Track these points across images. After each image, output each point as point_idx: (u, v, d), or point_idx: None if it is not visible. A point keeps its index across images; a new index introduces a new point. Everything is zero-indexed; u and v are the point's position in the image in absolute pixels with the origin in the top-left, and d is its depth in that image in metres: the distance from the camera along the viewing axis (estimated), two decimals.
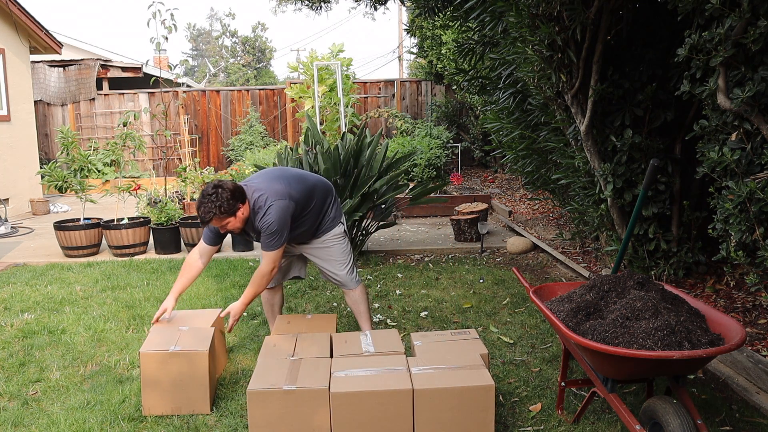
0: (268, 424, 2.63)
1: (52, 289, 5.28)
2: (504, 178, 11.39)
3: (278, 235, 3.24)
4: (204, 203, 3.11)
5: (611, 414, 2.93)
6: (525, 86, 5.17)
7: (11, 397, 3.32)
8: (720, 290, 4.27)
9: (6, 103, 9.67)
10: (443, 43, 11.19)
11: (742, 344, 2.30)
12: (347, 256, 3.64)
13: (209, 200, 3.10)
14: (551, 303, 2.81)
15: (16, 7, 9.56)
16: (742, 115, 3.08)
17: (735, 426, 2.83)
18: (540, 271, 5.64)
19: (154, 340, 3.16)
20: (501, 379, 3.36)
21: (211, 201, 3.10)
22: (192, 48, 49.15)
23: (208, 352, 3.08)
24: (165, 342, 3.13)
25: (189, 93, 14.00)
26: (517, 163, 6.06)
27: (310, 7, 10.33)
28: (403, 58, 24.10)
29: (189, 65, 45.95)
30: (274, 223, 3.20)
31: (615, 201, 4.40)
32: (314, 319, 3.56)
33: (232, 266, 5.83)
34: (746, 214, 3.06)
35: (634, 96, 4.16)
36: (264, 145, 13.26)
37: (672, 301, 2.59)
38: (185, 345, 3.10)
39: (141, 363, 3.07)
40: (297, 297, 4.93)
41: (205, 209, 3.11)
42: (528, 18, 3.99)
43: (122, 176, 7.56)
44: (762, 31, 2.85)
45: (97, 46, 30.18)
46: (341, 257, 3.62)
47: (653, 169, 2.97)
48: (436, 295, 4.91)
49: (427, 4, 6.93)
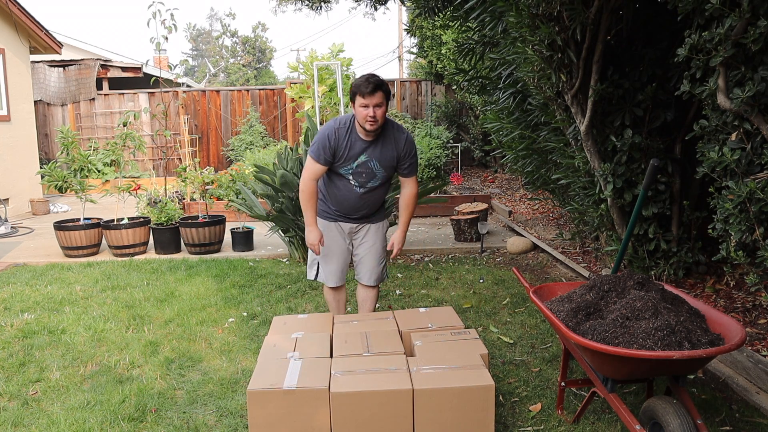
0: (268, 424, 2.63)
1: (52, 289, 5.28)
2: (504, 178, 11.39)
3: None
4: (374, 77, 3.33)
5: (611, 414, 2.93)
6: (525, 86, 5.16)
7: (11, 397, 3.32)
8: (720, 290, 4.27)
9: (6, 103, 9.67)
10: (443, 43, 11.19)
11: (742, 344, 2.30)
12: (386, 252, 3.79)
13: (378, 76, 3.34)
14: (551, 303, 2.81)
15: (16, 7, 9.56)
16: (742, 115, 3.08)
17: (735, 426, 2.83)
18: (540, 271, 5.64)
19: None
20: (501, 379, 3.36)
21: (381, 79, 3.34)
22: (192, 48, 49.15)
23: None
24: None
25: (189, 93, 14.00)
26: (517, 163, 6.06)
27: (310, 7, 10.32)
28: (403, 58, 24.09)
29: (189, 65, 45.95)
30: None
31: (615, 201, 4.40)
32: (313, 318, 3.56)
33: (232, 266, 5.83)
34: (746, 214, 3.06)
35: (634, 96, 4.16)
36: (264, 145, 13.25)
37: (672, 301, 2.59)
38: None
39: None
40: (297, 297, 4.93)
41: (380, 79, 3.32)
42: (528, 18, 3.99)
43: (122, 176, 7.56)
44: (762, 31, 2.85)
45: (97, 46, 30.20)
46: (385, 251, 3.77)
47: (653, 169, 2.97)
48: (436, 295, 4.90)
49: (427, 4, 6.92)
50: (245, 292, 5.07)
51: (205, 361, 3.71)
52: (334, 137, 3.40)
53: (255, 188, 6.45)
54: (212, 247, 6.50)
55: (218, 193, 8.09)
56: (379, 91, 3.27)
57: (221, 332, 4.19)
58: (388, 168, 3.49)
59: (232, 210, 7.81)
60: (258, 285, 5.25)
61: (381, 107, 3.30)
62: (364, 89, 3.26)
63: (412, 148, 3.51)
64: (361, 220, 3.66)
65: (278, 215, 5.66)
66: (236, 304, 4.75)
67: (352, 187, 3.50)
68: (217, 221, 6.52)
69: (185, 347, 3.92)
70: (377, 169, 3.46)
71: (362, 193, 3.52)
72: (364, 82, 3.29)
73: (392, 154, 3.45)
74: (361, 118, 3.32)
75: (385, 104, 3.33)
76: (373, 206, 3.63)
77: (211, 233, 6.47)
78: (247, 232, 6.60)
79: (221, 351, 3.85)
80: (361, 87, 3.28)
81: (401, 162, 3.50)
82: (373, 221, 3.69)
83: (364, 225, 3.68)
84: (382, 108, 3.31)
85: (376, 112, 3.28)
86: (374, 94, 3.27)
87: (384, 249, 3.75)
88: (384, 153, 3.44)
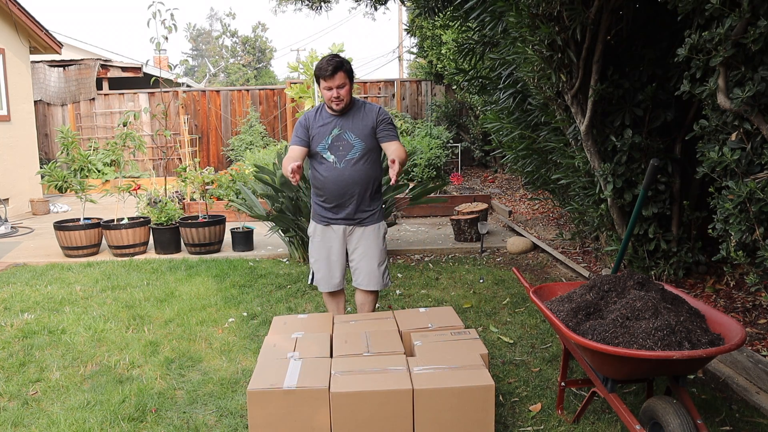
0: (268, 424, 2.63)
1: (52, 289, 5.28)
2: (504, 178, 11.39)
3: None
4: (334, 57, 3.38)
5: (611, 414, 2.93)
6: (525, 86, 5.16)
7: (11, 397, 3.32)
8: (720, 290, 4.27)
9: (6, 103, 9.67)
10: (443, 43, 11.19)
11: (742, 344, 2.30)
12: (386, 256, 3.74)
13: (339, 56, 3.40)
14: (551, 303, 2.81)
15: (16, 7, 9.56)
16: (742, 115, 3.08)
17: (735, 426, 2.83)
18: (540, 271, 5.64)
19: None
20: (501, 379, 3.36)
21: (342, 58, 3.40)
22: (192, 48, 49.15)
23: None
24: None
25: (189, 93, 14.00)
26: (517, 163, 6.06)
27: (310, 7, 10.32)
28: (403, 58, 24.10)
29: (189, 65, 45.96)
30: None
31: (615, 201, 4.40)
32: (313, 318, 3.56)
33: (232, 266, 5.83)
34: (746, 214, 3.06)
35: (634, 96, 4.16)
36: (264, 145, 13.25)
37: (672, 301, 2.59)
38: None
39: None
40: (297, 297, 4.93)
41: (340, 59, 3.38)
42: (528, 18, 3.99)
43: (122, 176, 7.56)
44: (762, 31, 2.85)
45: (97, 46, 30.19)
46: (383, 255, 3.71)
47: (653, 169, 2.97)
48: (436, 295, 4.90)
49: (427, 4, 6.92)
50: (245, 292, 5.07)
51: (205, 361, 3.71)
52: (305, 117, 3.58)
53: (255, 188, 6.45)
54: (212, 247, 6.50)
55: (218, 193, 8.09)
56: (340, 71, 3.35)
57: (221, 332, 4.19)
58: (364, 138, 3.50)
59: (232, 210, 7.81)
60: (258, 285, 5.25)
61: (344, 87, 3.40)
62: (325, 72, 3.35)
63: (385, 114, 3.55)
64: (354, 219, 3.58)
65: (278, 215, 5.66)
66: (236, 304, 4.75)
67: (332, 165, 3.50)
68: (217, 221, 6.52)
69: (185, 347, 3.92)
70: (353, 140, 3.49)
71: (343, 169, 3.48)
72: (324, 65, 3.36)
73: (366, 123, 3.50)
74: (327, 99, 3.45)
75: (349, 83, 3.43)
76: (361, 189, 3.53)
77: (211, 233, 6.47)
78: (247, 232, 6.60)
79: (221, 351, 3.85)
80: (322, 70, 3.36)
81: (378, 130, 3.51)
82: (367, 223, 3.60)
83: (358, 228, 3.61)
84: (346, 87, 3.41)
85: (339, 92, 3.39)
86: (334, 75, 3.36)
87: (382, 253, 3.66)
88: (356, 123, 3.50)
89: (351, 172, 3.50)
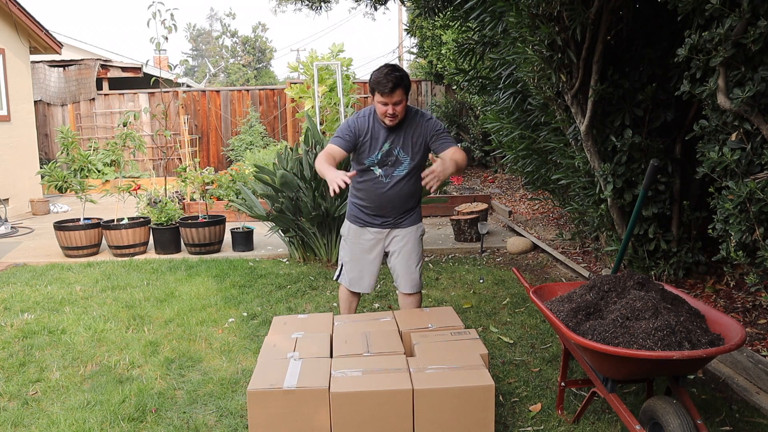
0: (268, 424, 2.63)
1: (52, 289, 5.28)
2: (504, 178, 11.39)
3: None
4: (394, 71, 3.16)
5: (611, 414, 2.93)
6: (525, 86, 5.16)
7: (11, 397, 3.32)
8: (720, 290, 4.27)
9: (6, 103, 9.66)
10: (443, 43, 11.19)
11: (742, 344, 2.30)
12: (422, 257, 3.66)
13: (399, 69, 3.18)
14: (551, 303, 2.81)
15: (16, 7, 9.56)
16: (742, 115, 3.08)
17: (735, 426, 2.83)
18: (540, 271, 5.64)
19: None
20: (501, 379, 3.36)
21: (401, 71, 3.17)
22: (192, 48, 49.16)
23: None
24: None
25: (189, 93, 14.00)
26: (517, 163, 6.06)
27: (310, 7, 10.32)
28: (403, 58, 24.07)
29: (189, 65, 45.96)
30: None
31: (615, 201, 4.40)
32: (313, 318, 3.56)
33: (232, 266, 5.83)
34: (746, 214, 3.06)
35: (634, 96, 4.16)
36: (264, 145, 13.25)
37: (672, 301, 2.59)
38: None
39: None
40: (297, 297, 4.93)
41: (399, 73, 3.16)
42: (528, 18, 3.99)
43: (122, 176, 7.57)
44: (762, 31, 2.85)
45: (97, 46, 30.16)
46: (420, 256, 3.64)
47: (653, 169, 2.97)
48: (436, 296, 4.90)
49: (427, 4, 6.93)
50: (245, 292, 5.07)
51: (205, 361, 3.71)
52: (355, 122, 3.36)
53: (255, 188, 6.45)
54: (212, 247, 6.50)
55: (218, 193, 8.09)
56: (399, 88, 3.16)
57: (221, 332, 4.19)
58: (414, 155, 3.36)
59: (232, 210, 7.81)
60: (258, 285, 5.25)
61: (401, 104, 3.21)
62: (383, 88, 3.15)
63: (439, 126, 3.37)
64: (391, 224, 3.54)
65: (278, 215, 5.66)
66: (236, 304, 4.75)
67: (379, 179, 3.40)
68: (217, 221, 6.52)
69: (185, 347, 3.92)
70: (403, 157, 3.36)
71: (390, 185, 3.40)
72: (383, 79, 3.15)
73: (417, 141, 3.34)
74: (380, 114, 3.26)
75: (405, 98, 3.23)
76: (403, 203, 3.49)
77: (211, 233, 6.47)
78: (247, 232, 6.60)
79: (221, 351, 3.85)
80: (380, 85, 3.16)
81: (432, 142, 3.35)
82: (405, 225, 3.55)
83: (394, 231, 3.55)
84: (402, 104, 3.22)
85: (395, 109, 3.21)
86: (393, 93, 3.16)
87: (417, 255, 3.60)
88: (408, 139, 3.34)
89: (397, 189, 3.43)
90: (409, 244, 3.56)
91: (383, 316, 3.45)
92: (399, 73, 3.17)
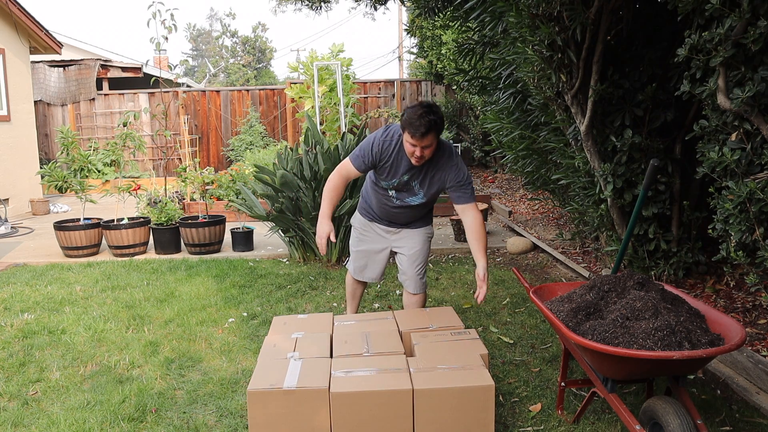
0: (268, 424, 2.63)
1: (52, 289, 5.28)
2: (504, 178, 11.39)
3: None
4: (429, 113, 2.95)
5: (611, 414, 2.93)
6: (525, 86, 5.16)
7: (11, 397, 3.32)
8: (720, 290, 4.27)
9: (6, 103, 9.66)
10: (443, 43, 11.19)
11: (742, 344, 2.30)
12: (427, 258, 3.67)
13: (434, 112, 2.97)
14: (551, 303, 2.81)
15: (16, 7, 9.56)
16: (742, 115, 3.08)
17: (735, 426, 2.83)
18: (540, 271, 5.64)
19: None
20: (501, 379, 3.36)
21: (436, 114, 2.96)
22: (192, 48, 49.16)
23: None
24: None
25: (189, 93, 14.00)
26: (517, 163, 6.06)
27: (310, 7, 10.32)
28: (403, 58, 24.11)
29: (189, 65, 45.96)
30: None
31: (615, 201, 4.40)
32: (313, 318, 3.56)
33: (232, 266, 5.83)
34: (746, 214, 3.06)
35: (634, 96, 4.16)
36: (264, 145, 13.26)
37: (672, 301, 2.59)
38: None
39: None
40: (297, 297, 4.93)
41: (434, 116, 2.95)
42: (528, 18, 3.99)
43: (122, 176, 7.57)
44: (762, 31, 2.85)
45: (97, 46, 30.19)
46: (425, 257, 3.63)
47: (653, 169, 2.97)
48: (436, 296, 4.90)
49: (427, 4, 6.93)
50: (245, 292, 5.07)
51: (205, 361, 3.71)
52: (378, 149, 3.22)
53: (255, 188, 6.45)
54: (212, 247, 6.50)
55: (218, 193, 8.09)
56: (431, 134, 2.98)
57: (221, 332, 4.19)
58: (430, 193, 3.34)
59: (232, 210, 7.81)
60: (258, 285, 5.25)
61: (430, 147, 3.05)
62: (416, 131, 2.96)
63: (462, 174, 3.21)
64: (399, 225, 3.58)
65: (278, 215, 5.66)
66: (236, 304, 4.75)
67: (391, 198, 3.42)
68: (217, 221, 6.52)
69: (185, 347, 3.92)
70: (418, 190, 3.35)
71: (400, 206, 3.44)
72: (416, 122, 2.95)
73: (438, 182, 3.29)
74: (408, 153, 3.12)
75: (436, 142, 3.07)
76: (411, 218, 3.54)
77: (211, 233, 6.47)
78: (247, 232, 6.60)
79: (221, 351, 3.85)
80: (413, 127, 2.96)
81: (451, 190, 3.27)
82: (412, 227, 3.57)
83: (403, 230, 3.58)
84: (432, 147, 3.06)
85: (424, 152, 3.06)
86: (424, 138, 2.98)
87: (424, 255, 3.61)
88: (428, 177, 3.27)
89: (406, 210, 3.47)
90: (418, 244, 3.59)
91: (383, 316, 3.46)
92: (434, 116, 2.97)
